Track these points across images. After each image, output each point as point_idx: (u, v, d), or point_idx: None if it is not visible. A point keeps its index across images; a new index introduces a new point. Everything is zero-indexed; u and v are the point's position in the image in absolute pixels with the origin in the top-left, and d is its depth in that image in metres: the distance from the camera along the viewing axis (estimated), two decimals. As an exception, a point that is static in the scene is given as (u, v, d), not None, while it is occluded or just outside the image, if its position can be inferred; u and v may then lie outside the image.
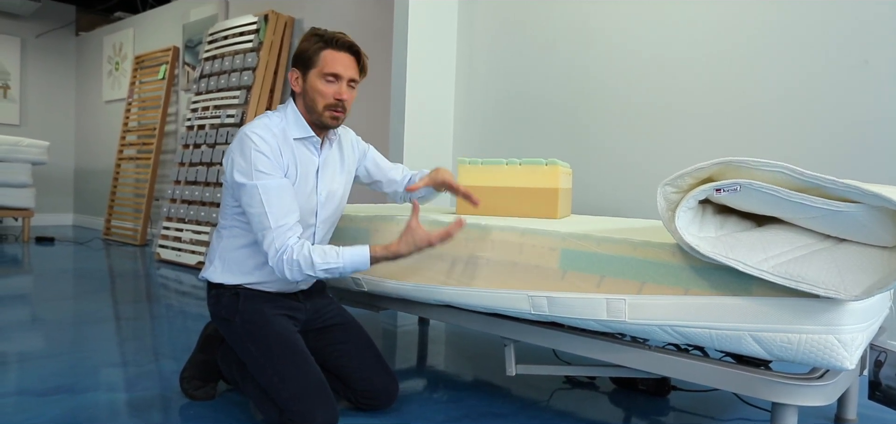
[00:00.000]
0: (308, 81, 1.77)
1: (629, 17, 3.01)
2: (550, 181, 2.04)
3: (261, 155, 1.70)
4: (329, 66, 1.75)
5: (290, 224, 1.71)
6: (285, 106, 1.84)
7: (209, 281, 1.84)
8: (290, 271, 1.70)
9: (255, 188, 1.69)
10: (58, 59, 7.95)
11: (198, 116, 5.13)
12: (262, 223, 1.69)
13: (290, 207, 1.72)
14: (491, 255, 1.80)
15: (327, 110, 1.78)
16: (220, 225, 1.86)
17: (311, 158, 1.83)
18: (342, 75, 1.77)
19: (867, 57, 2.37)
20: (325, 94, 1.76)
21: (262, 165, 1.70)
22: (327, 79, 1.75)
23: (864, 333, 1.33)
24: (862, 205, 1.22)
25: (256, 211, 1.70)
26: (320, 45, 1.75)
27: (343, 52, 1.77)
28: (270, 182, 1.70)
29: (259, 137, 1.71)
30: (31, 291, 3.67)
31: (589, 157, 3.13)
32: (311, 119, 1.81)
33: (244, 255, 1.81)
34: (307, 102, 1.79)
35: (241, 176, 1.70)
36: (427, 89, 3.53)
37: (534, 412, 1.97)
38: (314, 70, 1.76)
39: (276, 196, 1.70)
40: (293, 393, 1.67)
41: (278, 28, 4.79)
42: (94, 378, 2.13)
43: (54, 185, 7.90)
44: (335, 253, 1.72)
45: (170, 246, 5.01)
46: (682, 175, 1.39)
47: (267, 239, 1.70)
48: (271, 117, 1.80)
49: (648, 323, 1.50)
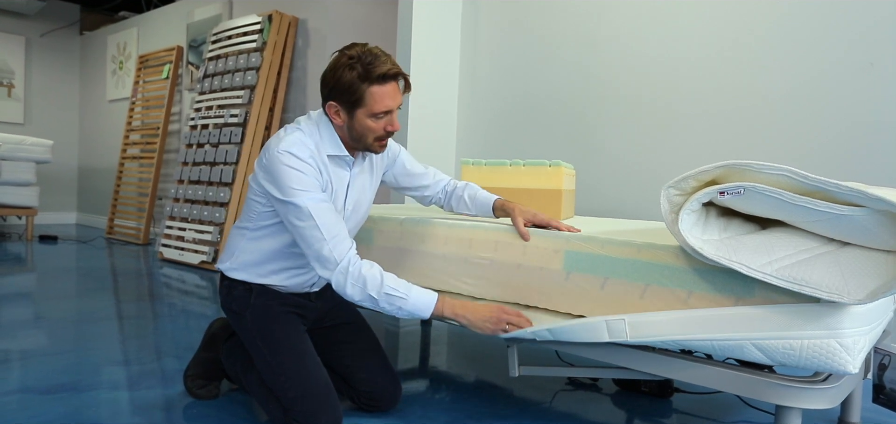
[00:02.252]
0: (355, 119, 1.68)
1: (633, 18, 3.01)
2: (554, 182, 2.04)
3: (301, 174, 1.64)
4: (379, 105, 1.65)
5: (343, 234, 1.66)
6: (316, 122, 1.75)
7: (224, 273, 1.84)
8: (353, 287, 1.63)
9: (303, 206, 1.63)
10: (62, 58, 7.98)
11: (201, 116, 5.13)
12: (314, 235, 1.63)
13: (339, 218, 1.69)
14: (494, 256, 1.80)
15: (377, 142, 1.73)
16: (244, 225, 1.81)
17: (342, 174, 1.78)
18: (393, 108, 1.69)
19: (873, 60, 2.36)
20: (375, 130, 1.69)
21: (304, 183, 1.64)
22: (378, 117, 1.67)
23: (867, 337, 1.32)
24: (866, 209, 1.22)
25: (306, 224, 1.63)
26: (365, 83, 1.63)
27: (390, 83, 1.66)
28: (316, 196, 1.65)
29: (297, 158, 1.64)
30: (35, 289, 3.67)
31: (592, 159, 3.13)
32: (354, 146, 1.75)
33: (262, 258, 1.78)
34: (353, 135, 1.72)
35: (283, 194, 1.64)
36: (431, 90, 3.53)
37: (536, 413, 1.97)
38: (362, 110, 1.66)
39: (326, 207, 1.65)
40: (298, 393, 1.67)
41: (282, 28, 4.79)
42: (97, 376, 2.14)
43: (58, 184, 7.92)
44: (405, 287, 1.65)
45: (173, 245, 5.01)
46: (685, 177, 1.38)
47: (323, 252, 1.63)
48: (303, 131, 1.71)
49: (649, 340, 1.49)
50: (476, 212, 1.98)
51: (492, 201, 1.93)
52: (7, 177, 5.82)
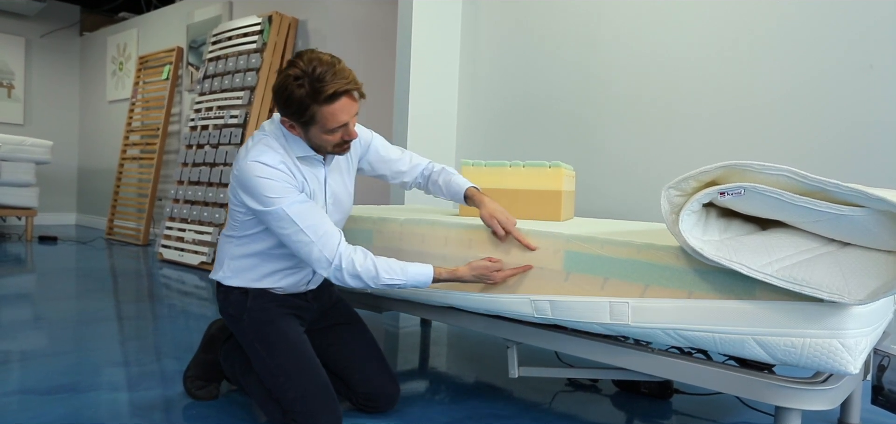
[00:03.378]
0: (310, 134, 1.66)
1: (633, 19, 3.01)
2: (554, 183, 2.04)
3: (273, 182, 1.63)
4: (332, 121, 1.61)
5: (329, 230, 1.66)
6: (278, 127, 1.73)
7: (219, 283, 1.84)
8: (351, 279, 1.66)
9: (280, 211, 1.63)
10: (62, 58, 7.98)
11: (201, 117, 5.13)
12: (301, 239, 1.64)
13: (322, 215, 1.68)
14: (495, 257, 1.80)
15: (337, 148, 1.71)
16: (228, 232, 1.82)
17: (317, 172, 1.78)
18: (347, 122, 1.65)
19: (873, 60, 2.36)
20: (332, 140, 1.68)
21: (278, 190, 1.63)
22: (334, 131, 1.65)
23: (867, 337, 1.32)
24: (867, 210, 1.22)
25: (290, 230, 1.64)
26: (315, 105, 1.58)
27: (341, 101, 1.60)
28: (294, 199, 1.64)
29: (267, 166, 1.63)
30: (34, 290, 3.67)
31: (592, 160, 3.13)
32: (316, 150, 1.74)
33: (252, 263, 1.78)
34: (311, 146, 1.71)
35: (260, 204, 1.64)
36: (431, 91, 3.53)
37: (536, 414, 1.97)
38: (314, 128, 1.63)
39: (306, 209, 1.65)
40: (297, 394, 1.67)
41: (282, 29, 4.79)
42: (97, 377, 2.14)
43: (58, 185, 7.92)
44: (400, 269, 1.70)
45: (172, 246, 5.01)
46: (686, 178, 1.38)
47: (313, 254, 1.64)
48: (268, 138, 1.70)
49: (651, 326, 1.50)
50: (449, 198, 1.99)
51: (464, 189, 1.93)
52: (7, 178, 5.82)
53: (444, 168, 2.02)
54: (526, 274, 1.72)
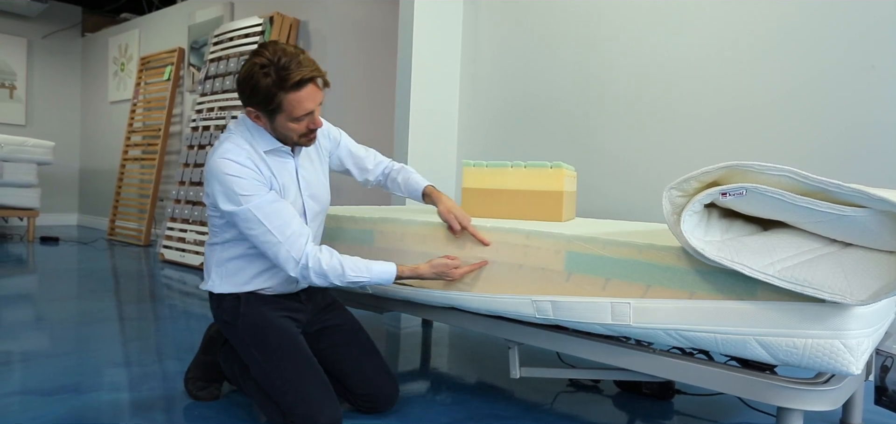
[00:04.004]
0: (276, 123, 1.69)
1: (635, 19, 3.01)
2: (555, 184, 2.04)
3: (241, 179, 1.65)
4: (298, 109, 1.65)
5: (297, 230, 1.69)
6: (244, 122, 1.76)
7: (210, 292, 1.84)
8: (318, 278, 1.70)
9: (248, 212, 1.65)
10: (64, 59, 7.98)
11: (202, 117, 5.14)
12: (268, 240, 1.66)
13: (290, 214, 1.70)
14: (496, 257, 1.80)
15: (302, 138, 1.73)
16: (211, 240, 1.84)
17: (286, 164, 1.79)
18: (313, 110, 1.68)
19: (873, 61, 2.36)
20: (298, 130, 1.70)
21: (247, 187, 1.65)
22: (299, 120, 1.68)
23: (870, 338, 1.32)
24: (868, 210, 1.22)
25: (257, 231, 1.66)
26: (281, 92, 1.61)
27: (306, 88, 1.63)
28: (261, 199, 1.66)
29: (233, 162, 1.66)
30: (36, 291, 3.68)
31: (594, 160, 3.13)
32: (282, 142, 1.76)
33: (239, 265, 1.79)
34: (277, 136, 1.73)
35: (229, 204, 1.66)
36: (432, 91, 3.53)
37: (537, 415, 1.97)
38: (281, 116, 1.66)
39: (273, 209, 1.67)
40: (296, 396, 1.66)
41: (284, 30, 4.79)
42: (98, 378, 2.14)
43: (59, 185, 7.93)
44: (365, 267, 1.74)
45: (174, 247, 5.02)
46: (687, 179, 1.38)
47: (281, 255, 1.67)
48: (235, 137, 1.72)
49: (653, 326, 1.49)
50: (408, 195, 2.07)
51: (422, 187, 2.02)
52: (8, 179, 5.83)
53: (403, 167, 2.11)
54: (529, 274, 1.72)
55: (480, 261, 1.80)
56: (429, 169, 3.53)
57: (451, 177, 3.63)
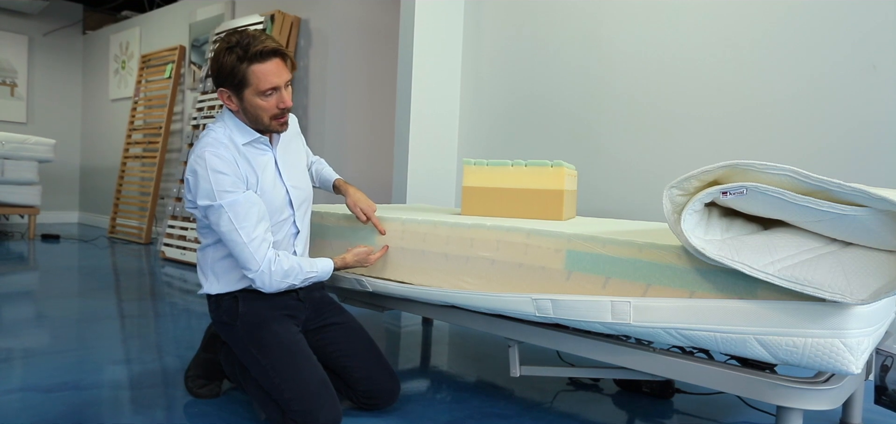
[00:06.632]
0: (245, 101, 1.71)
1: (635, 19, 3.01)
2: (556, 183, 2.04)
3: (219, 174, 1.67)
4: (264, 82, 1.68)
5: (261, 235, 1.72)
6: (222, 116, 1.79)
7: (209, 294, 1.85)
8: (282, 280, 1.75)
9: (221, 208, 1.67)
10: (65, 57, 7.99)
11: (203, 115, 5.14)
12: (234, 239, 1.69)
13: (258, 218, 1.72)
14: (496, 256, 1.80)
15: (274, 121, 1.75)
16: (204, 244, 1.85)
17: (265, 156, 1.81)
18: (279, 85, 1.71)
19: (875, 62, 2.36)
20: (267, 109, 1.72)
21: (223, 184, 1.67)
22: (266, 95, 1.70)
23: (870, 337, 1.32)
24: (869, 209, 1.22)
25: (226, 228, 1.69)
26: (245, 63, 1.66)
27: (271, 61, 1.68)
28: (235, 198, 1.68)
29: (213, 156, 1.68)
30: (37, 288, 3.68)
31: (594, 159, 3.13)
32: (256, 128, 1.78)
33: (231, 263, 1.80)
34: (249, 117, 1.75)
35: (205, 198, 1.69)
36: (433, 90, 3.53)
37: (537, 413, 1.97)
38: (248, 90, 1.69)
39: (244, 211, 1.69)
40: (296, 394, 1.66)
41: (285, 28, 4.80)
42: (99, 375, 2.14)
43: (60, 183, 7.93)
44: (312, 264, 1.84)
45: (174, 245, 5.02)
46: (688, 178, 1.38)
47: (244, 256, 1.70)
48: (215, 131, 1.75)
49: (653, 325, 1.49)
50: (320, 186, 2.19)
51: (333, 179, 2.16)
52: (9, 176, 5.83)
53: (318, 159, 2.23)
54: (529, 272, 1.73)
55: (383, 247, 2.02)
56: (429, 167, 3.54)
57: (451, 175, 3.63)
